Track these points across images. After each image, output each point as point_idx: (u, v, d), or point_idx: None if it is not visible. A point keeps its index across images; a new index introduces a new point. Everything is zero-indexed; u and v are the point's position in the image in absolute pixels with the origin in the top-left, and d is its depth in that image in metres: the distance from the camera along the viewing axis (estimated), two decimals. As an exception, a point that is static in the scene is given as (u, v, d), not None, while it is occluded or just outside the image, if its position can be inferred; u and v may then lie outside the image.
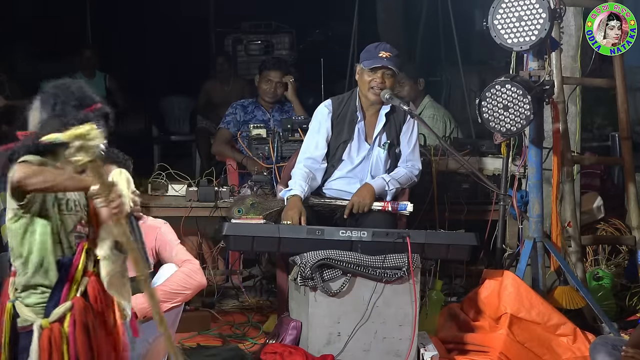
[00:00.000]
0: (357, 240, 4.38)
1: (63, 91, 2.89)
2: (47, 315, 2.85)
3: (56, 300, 2.86)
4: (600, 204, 5.80)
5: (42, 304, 2.86)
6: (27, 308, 2.86)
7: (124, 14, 9.97)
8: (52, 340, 2.82)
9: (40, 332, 2.82)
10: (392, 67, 4.71)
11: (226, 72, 8.52)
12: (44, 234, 2.85)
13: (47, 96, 2.87)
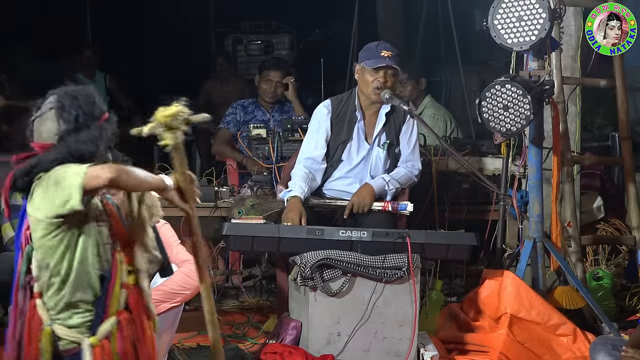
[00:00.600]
0: (357, 240, 4.38)
1: (84, 101, 2.84)
2: (93, 332, 2.75)
3: (100, 316, 2.76)
4: (600, 204, 5.81)
5: (87, 323, 2.76)
6: (70, 330, 2.74)
7: (124, 14, 9.96)
8: (104, 358, 2.74)
9: (91, 351, 2.72)
10: (395, 65, 4.71)
11: (226, 72, 8.52)
12: (85, 248, 2.75)
13: (67, 107, 2.79)
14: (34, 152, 2.76)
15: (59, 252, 2.73)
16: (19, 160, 2.75)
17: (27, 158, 2.74)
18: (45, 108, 2.80)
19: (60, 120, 2.77)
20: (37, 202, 2.71)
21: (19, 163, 2.74)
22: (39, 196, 2.71)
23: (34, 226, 2.74)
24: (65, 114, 2.77)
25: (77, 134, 2.75)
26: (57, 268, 2.73)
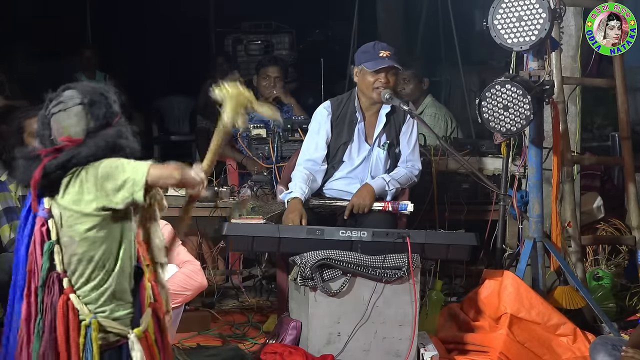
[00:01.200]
0: (357, 240, 4.38)
1: (109, 98, 2.85)
2: (134, 325, 2.79)
3: (138, 308, 2.81)
4: (600, 204, 5.80)
5: (129, 315, 2.80)
6: (116, 322, 2.77)
7: (124, 14, 9.97)
8: (149, 349, 2.79)
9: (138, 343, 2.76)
10: (396, 65, 4.71)
11: (226, 72, 8.52)
12: (129, 240, 2.80)
13: (96, 103, 2.80)
14: (62, 146, 2.76)
15: (106, 244, 2.76)
16: (47, 154, 2.74)
17: (55, 152, 2.74)
18: (71, 103, 2.80)
19: (89, 115, 2.79)
20: (79, 195, 2.72)
21: (46, 156, 2.74)
22: (81, 190, 2.72)
23: (74, 220, 2.74)
24: (95, 110, 2.79)
25: (105, 129, 2.78)
26: (103, 260, 2.76)
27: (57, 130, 2.79)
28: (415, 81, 6.22)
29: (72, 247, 2.75)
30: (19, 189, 4.68)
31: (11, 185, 4.68)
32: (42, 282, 2.73)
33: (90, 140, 2.75)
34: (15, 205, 4.65)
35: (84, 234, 2.74)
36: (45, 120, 2.83)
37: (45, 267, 2.72)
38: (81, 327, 2.73)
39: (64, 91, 2.84)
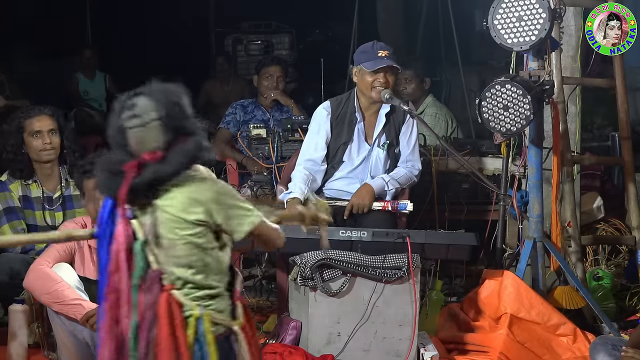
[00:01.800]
0: (357, 240, 4.38)
1: (184, 105, 2.84)
2: (234, 317, 2.87)
3: (233, 301, 2.89)
4: (600, 204, 5.80)
5: (229, 308, 2.87)
6: (220, 314, 2.83)
7: (124, 14, 9.97)
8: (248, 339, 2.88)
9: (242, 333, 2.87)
10: (395, 64, 4.71)
11: (226, 72, 8.54)
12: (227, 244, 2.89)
13: (172, 116, 2.78)
14: (144, 162, 2.75)
15: (209, 247, 2.81)
16: (130, 169, 2.74)
17: (138, 167, 2.74)
18: (148, 118, 2.76)
19: (167, 129, 2.77)
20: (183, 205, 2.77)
21: (130, 172, 2.73)
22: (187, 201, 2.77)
23: (174, 224, 2.77)
24: (172, 122, 2.77)
25: (184, 141, 2.77)
26: (206, 260, 2.81)
27: (136, 145, 2.77)
28: (417, 81, 6.22)
29: (172, 249, 2.79)
30: (19, 189, 4.69)
31: (12, 185, 4.69)
32: (137, 281, 2.75)
33: (172, 156, 2.75)
34: (16, 205, 4.65)
35: (184, 237, 2.79)
36: (121, 130, 2.80)
37: (140, 267, 2.75)
38: (189, 320, 2.77)
39: (136, 98, 2.80)
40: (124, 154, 2.78)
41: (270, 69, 6.03)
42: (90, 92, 8.31)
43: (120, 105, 2.81)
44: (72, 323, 3.79)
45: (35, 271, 3.84)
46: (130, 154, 2.77)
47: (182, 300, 2.77)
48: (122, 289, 2.75)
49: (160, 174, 2.74)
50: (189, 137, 2.78)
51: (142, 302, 2.74)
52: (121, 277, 2.75)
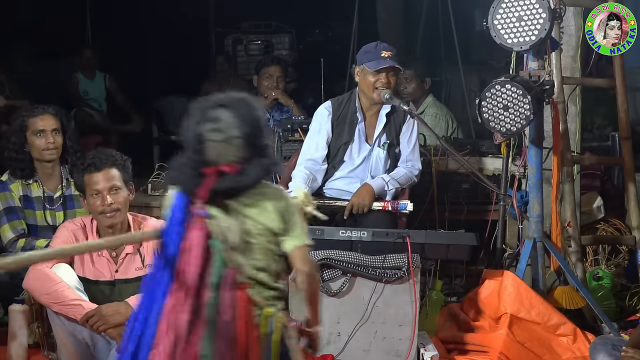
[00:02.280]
0: (357, 240, 4.38)
1: (261, 123, 2.94)
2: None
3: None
4: (600, 204, 5.80)
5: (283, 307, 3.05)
6: (282, 314, 3.02)
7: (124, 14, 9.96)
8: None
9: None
10: (397, 65, 4.72)
11: (226, 72, 8.52)
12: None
13: (253, 135, 2.88)
14: (224, 170, 2.85)
15: (276, 253, 3.00)
16: (211, 174, 2.84)
17: (218, 174, 2.84)
18: (230, 134, 2.83)
19: (247, 146, 2.86)
20: (262, 211, 2.93)
21: (210, 176, 2.83)
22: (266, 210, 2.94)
23: (254, 229, 2.92)
24: (252, 140, 2.87)
25: (261, 157, 2.90)
26: (274, 265, 3.00)
27: (214, 156, 2.85)
28: (417, 81, 6.23)
29: (250, 252, 2.91)
30: (19, 189, 4.68)
31: (12, 185, 4.68)
32: (217, 280, 2.81)
33: (250, 170, 2.87)
34: (17, 205, 4.65)
35: (262, 243, 2.93)
36: (200, 138, 2.85)
37: (219, 265, 2.82)
38: (261, 319, 2.90)
39: (220, 111, 2.86)
40: (198, 159, 2.87)
41: (270, 69, 6.03)
42: (90, 92, 8.30)
43: (201, 114, 2.88)
44: (72, 323, 3.80)
45: (35, 272, 3.84)
46: (204, 161, 2.86)
47: (255, 299, 2.90)
48: (191, 285, 2.79)
49: (238, 185, 2.87)
50: (265, 152, 2.92)
51: (222, 299, 2.80)
52: (193, 273, 2.80)
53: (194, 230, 2.81)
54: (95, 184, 3.94)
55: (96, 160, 3.98)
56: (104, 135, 7.87)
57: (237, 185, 2.86)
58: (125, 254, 4.01)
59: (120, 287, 3.99)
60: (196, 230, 2.81)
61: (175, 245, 2.82)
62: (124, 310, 3.76)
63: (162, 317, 2.79)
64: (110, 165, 3.99)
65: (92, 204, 3.95)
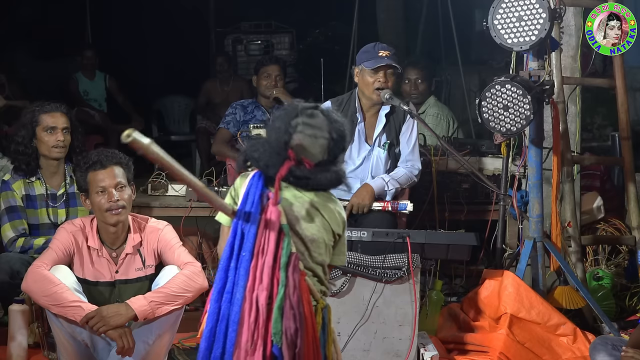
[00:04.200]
0: (357, 240, 4.39)
1: (344, 138, 3.13)
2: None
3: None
4: (600, 204, 5.80)
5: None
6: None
7: (124, 14, 9.97)
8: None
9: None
10: (395, 64, 4.72)
11: (226, 72, 8.53)
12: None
13: (336, 142, 3.06)
14: (302, 162, 2.99)
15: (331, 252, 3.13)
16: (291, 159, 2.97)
17: (298, 162, 2.97)
18: (321, 134, 3.02)
19: (328, 152, 3.04)
20: (334, 216, 3.09)
21: (290, 161, 2.96)
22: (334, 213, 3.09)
23: (322, 226, 3.05)
24: (334, 148, 3.05)
25: (334, 165, 3.07)
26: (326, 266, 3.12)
27: (299, 148, 2.99)
28: (427, 82, 6.24)
29: (314, 244, 3.02)
30: (22, 188, 4.68)
31: (14, 184, 4.68)
32: (286, 260, 2.90)
33: (323, 172, 3.03)
34: (18, 204, 4.65)
35: (325, 240, 3.06)
36: (289, 128, 2.99)
37: (288, 247, 2.91)
38: (317, 308, 3.00)
39: (317, 112, 3.07)
40: (284, 143, 2.98)
41: (268, 68, 6.03)
42: (90, 92, 8.30)
43: (298, 108, 3.06)
44: (71, 325, 3.79)
45: (34, 274, 3.84)
46: (282, 152, 2.98)
47: (312, 288, 2.99)
48: (267, 264, 2.88)
49: (312, 179, 3.00)
50: (338, 165, 3.10)
51: (290, 281, 2.88)
52: (271, 250, 2.90)
53: (273, 209, 2.90)
54: (101, 181, 3.94)
55: (102, 158, 3.99)
56: (104, 135, 7.88)
57: (310, 177, 2.99)
58: (125, 254, 4.01)
59: (120, 287, 3.99)
60: (275, 209, 2.90)
61: (255, 222, 2.90)
62: (124, 311, 3.75)
63: (246, 296, 2.87)
64: (114, 163, 3.99)
65: (97, 202, 3.95)
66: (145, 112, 9.02)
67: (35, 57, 9.44)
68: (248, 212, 2.91)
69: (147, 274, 4.03)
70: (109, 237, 4.00)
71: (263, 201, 2.92)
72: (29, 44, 9.52)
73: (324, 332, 3.03)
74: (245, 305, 2.85)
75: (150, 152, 2.46)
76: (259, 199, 2.93)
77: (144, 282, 4.02)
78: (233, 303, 2.87)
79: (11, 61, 8.47)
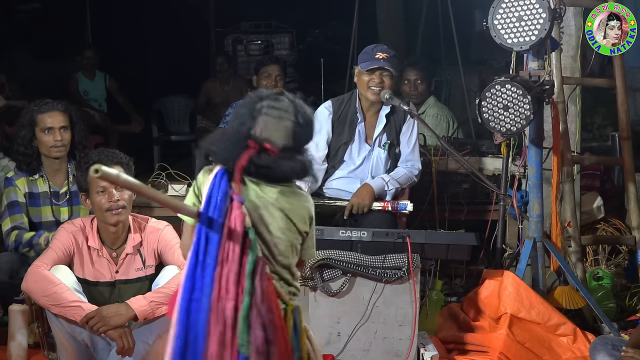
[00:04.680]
0: (357, 240, 4.38)
1: (312, 127, 3.02)
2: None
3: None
4: (600, 204, 5.80)
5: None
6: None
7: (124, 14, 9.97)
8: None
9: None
10: (388, 67, 4.73)
11: (226, 72, 8.53)
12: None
13: (302, 127, 2.96)
14: (264, 148, 2.88)
15: (297, 252, 3.04)
16: (251, 148, 2.86)
17: (259, 150, 2.87)
18: (286, 116, 2.93)
19: (294, 135, 2.93)
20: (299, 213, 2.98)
21: (251, 149, 2.85)
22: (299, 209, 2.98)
23: (285, 225, 2.95)
24: (300, 133, 2.95)
25: (299, 154, 2.95)
26: (295, 265, 3.04)
27: (261, 130, 2.90)
28: (426, 83, 6.24)
29: (278, 246, 2.94)
30: (25, 186, 4.68)
31: (18, 181, 4.68)
32: (252, 267, 2.79)
33: (288, 160, 2.91)
34: (21, 200, 4.65)
35: (290, 240, 2.97)
36: (254, 111, 2.92)
37: (254, 253, 2.80)
38: (287, 310, 2.91)
39: (282, 97, 2.97)
40: (245, 132, 2.90)
41: (268, 68, 6.03)
42: (90, 92, 8.31)
43: (263, 94, 2.97)
44: (71, 325, 3.79)
45: (33, 274, 3.84)
46: (250, 135, 2.89)
47: (280, 291, 2.91)
48: (232, 272, 2.76)
49: (274, 167, 2.88)
50: (304, 154, 2.96)
51: (257, 288, 2.77)
52: (236, 258, 2.78)
53: (237, 212, 2.79)
54: (101, 181, 3.94)
55: (102, 158, 3.99)
56: (104, 135, 7.88)
57: (273, 166, 2.88)
58: (126, 254, 4.01)
59: (120, 287, 3.99)
60: (239, 213, 2.79)
61: (219, 227, 2.79)
62: (124, 311, 3.75)
63: (212, 306, 2.75)
64: (115, 163, 3.99)
65: (98, 202, 3.95)
66: (145, 112, 9.02)
67: (35, 57, 9.44)
68: (210, 217, 2.78)
69: (147, 274, 4.03)
70: (109, 237, 4.00)
71: (226, 202, 2.80)
72: (29, 43, 9.52)
73: (296, 333, 2.94)
74: (212, 315, 2.74)
75: (121, 182, 2.48)
76: (222, 200, 2.80)
77: (144, 282, 4.02)
78: (200, 313, 2.75)
79: (11, 61, 8.46)
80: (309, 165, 2.96)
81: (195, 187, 3.00)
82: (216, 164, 2.91)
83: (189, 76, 9.28)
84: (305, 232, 3.01)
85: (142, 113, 8.70)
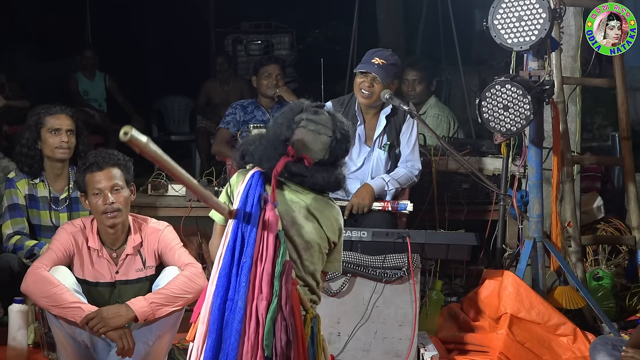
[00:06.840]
0: (357, 240, 4.39)
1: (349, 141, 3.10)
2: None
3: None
4: (600, 204, 5.80)
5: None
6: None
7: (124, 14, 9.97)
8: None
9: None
10: (376, 74, 4.72)
11: (226, 72, 8.53)
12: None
13: (339, 143, 3.01)
14: (301, 158, 2.94)
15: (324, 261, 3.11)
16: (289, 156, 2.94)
17: (296, 159, 2.92)
18: (324, 131, 2.97)
19: (331, 150, 2.99)
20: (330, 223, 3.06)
21: (289, 156, 2.93)
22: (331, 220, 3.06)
23: (317, 232, 3.03)
24: (336, 148, 3.00)
25: (335, 167, 3.02)
26: (319, 274, 3.12)
27: (299, 144, 2.95)
28: (425, 83, 6.24)
29: (307, 252, 2.98)
30: (25, 188, 4.68)
31: (19, 183, 4.68)
32: (280, 269, 2.84)
33: (324, 171, 2.97)
34: (21, 203, 4.65)
35: (320, 248, 3.01)
36: (292, 123, 2.98)
37: (283, 255, 2.85)
38: (307, 317, 2.97)
39: (322, 110, 3.02)
40: (283, 139, 2.95)
41: (268, 67, 6.03)
42: (90, 92, 8.31)
43: (303, 105, 3.02)
44: (71, 326, 3.78)
45: (33, 275, 3.83)
46: (280, 146, 2.94)
47: (303, 298, 2.95)
48: (266, 272, 2.82)
49: (309, 176, 2.95)
50: (339, 168, 3.03)
51: (283, 291, 2.83)
52: (268, 260, 2.83)
53: (270, 213, 2.84)
54: (97, 182, 3.94)
55: (99, 159, 3.98)
56: (103, 135, 7.88)
57: (307, 175, 2.93)
58: (126, 254, 4.01)
59: (120, 288, 3.99)
60: (272, 214, 2.83)
61: (255, 225, 2.83)
62: (125, 312, 3.74)
63: (247, 305, 2.81)
64: (112, 164, 3.99)
65: (94, 204, 3.95)
66: (145, 112, 9.02)
67: (35, 57, 9.44)
68: (248, 213, 2.84)
69: (148, 275, 4.03)
70: (108, 237, 4.00)
71: (261, 203, 2.86)
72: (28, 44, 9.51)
73: (313, 343, 2.98)
74: (246, 314, 2.79)
75: (148, 150, 2.41)
76: (258, 200, 2.86)
77: (144, 283, 4.02)
78: (235, 312, 2.80)
79: (11, 61, 8.46)
80: (342, 179, 3.03)
81: (227, 188, 3.05)
82: (251, 163, 2.97)
83: (189, 76, 9.28)
84: (333, 242, 3.05)
85: (142, 113, 8.70)
